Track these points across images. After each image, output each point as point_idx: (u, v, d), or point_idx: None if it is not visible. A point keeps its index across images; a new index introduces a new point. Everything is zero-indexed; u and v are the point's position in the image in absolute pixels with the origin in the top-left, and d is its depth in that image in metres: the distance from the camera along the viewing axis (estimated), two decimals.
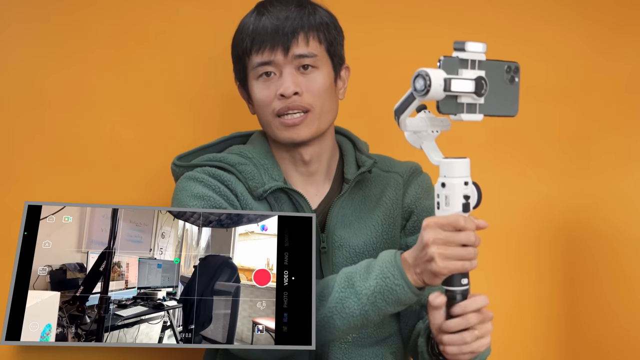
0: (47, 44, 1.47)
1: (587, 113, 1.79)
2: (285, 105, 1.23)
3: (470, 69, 1.00)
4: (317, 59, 1.24)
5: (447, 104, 1.00)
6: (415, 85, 0.98)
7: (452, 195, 1.02)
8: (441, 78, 0.97)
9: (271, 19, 1.23)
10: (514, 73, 1.05)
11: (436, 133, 1.08)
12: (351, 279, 1.11)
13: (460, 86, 0.98)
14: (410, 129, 1.06)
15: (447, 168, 1.03)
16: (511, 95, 1.06)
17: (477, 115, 1.02)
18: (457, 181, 1.02)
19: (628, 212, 1.78)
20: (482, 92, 1.00)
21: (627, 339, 1.77)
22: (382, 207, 1.30)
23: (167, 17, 1.54)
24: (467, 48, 1.00)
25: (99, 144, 1.48)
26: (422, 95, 0.98)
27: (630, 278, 1.77)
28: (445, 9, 1.72)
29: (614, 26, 1.79)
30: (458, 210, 1.02)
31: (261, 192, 1.24)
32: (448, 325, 1.03)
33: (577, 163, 1.78)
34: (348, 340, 1.24)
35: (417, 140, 1.08)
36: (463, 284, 1.03)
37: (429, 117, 1.08)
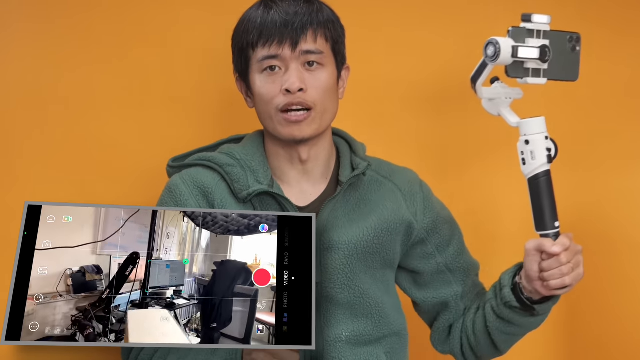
0: (47, 44, 1.47)
1: (590, 114, 1.78)
2: (289, 101, 1.22)
3: (536, 38, 1.15)
4: (323, 57, 1.24)
5: (515, 69, 1.15)
6: (486, 51, 1.13)
7: (537, 149, 1.17)
8: (509, 45, 1.12)
9: (280, 13, 1.22)
10: (576, 42, 1.20)
11: (509, 100, 1.23)
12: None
13: (526, 53, 1.14)
14: (486, 96, 1.22)
15: (527, 126, 1.18)
16: (573, 62, 1.20)
17: (542, 79, 1.18)
18: (538, 137, 1.17)
19: (631, 212, 1.78)
20: (546, 58, 1.16)
21: (628, 339, 1.77)
22: (378, 213, 1.29)
23: (167, 18, 1.54)
24: (533, 19, 1.15)
25: (99, 144, 1.48)
26: (493, 60, 1.13)
27: (632, 278, 1.77)
28: (443, 11, 1.72)
29: (617, 27, 1.79)
30: (543, 162, 1.17)
31: (245, 195, 1.23)
32: (546, 264, 1.16)
33: (580, 163, 1.78)
34: (342, 339, 1.25)
35: (493, 106, 1.23)
36: (556, 227, 1.18)
37: (502, 85, 1.23)
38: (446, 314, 1.37)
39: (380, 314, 1.28)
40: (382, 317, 1.29)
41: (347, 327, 1.25)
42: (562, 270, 1.16)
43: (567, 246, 1.16)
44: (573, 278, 1.17)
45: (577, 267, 1.17)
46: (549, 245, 1.16)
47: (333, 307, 1.25)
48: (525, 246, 1.20)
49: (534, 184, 1.18)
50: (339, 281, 1.25)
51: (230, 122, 1.55)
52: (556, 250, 1.15)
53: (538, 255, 1.18)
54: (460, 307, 1.37)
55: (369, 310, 1.27)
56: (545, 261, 1.17)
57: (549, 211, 1.18)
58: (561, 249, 1.15)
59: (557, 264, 1.16)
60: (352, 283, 1.26)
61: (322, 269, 1.25)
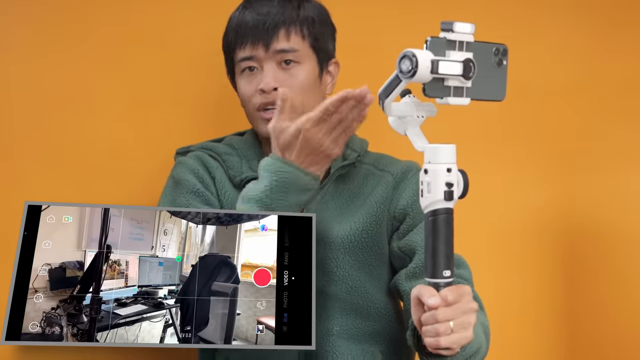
0: (47, 44, 1.47)
1: (588, 113, 1.79)
2: (265, 100, 1.26)
3: (458, 51, 0.96)
4: (299, 54, 1.26)
5: (434, 87, 0.95)
6: (401, 66, 0.93)
7: (435, 181, 0.97)
8: (428, 59, 0.92)
9: (253, 13, 1.25)
10: (502, 56, 1.00)
11: (421, 119, 1.03)
12: (242, 196, 1.17)
13: (448, 68, 0.94)
14: (396, 113, 1.02)
15: (431, 153, 0.98)
16: (499, 78, 1.01)
17: (464, 99, 0.98)
18: (439, 167, 0.97)
19: (628, 212, 1.78)
20: (470, 75, 0.96)
21: (625, 339, 1.77)
22: (368, 205, 1.29)
23: (166, 18, 1.54)
24: (455, 29, 0.95)
25: (99, 143, 1.48)
26: (409, 77, 0.93)
27: (629, 278, 1.77)
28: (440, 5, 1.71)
29: (614, 25, 1.79)
30: (440, 199, 0.97)
31: (238, 180, 1.29)
32: (423, 317, 0.99)
33: (577, 163, 1.78)
34: (333, 332, 1.24)
35: (401, 125, 1.04)
36: (445, 276, 0.98)
37: (414, 101, 1.03)
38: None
39: (373, 310, 1.28)
40: (376, 314, 1.28)
41: (337, 321, 1.25)
42: (436, 329, 0.97)
43: (449, 302, 0.97)
44: (452, 341, 0.97)
45: (460, 329, 0.98)
46: (427, 295, 0.98)
47: (324, 300, 1.25)
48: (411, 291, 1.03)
49: (429, 221, 0.98)
50: (326, 275, 1.25)
51: (230, 123, 1.55)
52: (431, 303, 0.97)
53: (421, 304, 1.00)
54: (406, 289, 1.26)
55: (360, 306, 1.27)
56: (424, 313, 0.99)
57: (442, 256, 0.98)
58: (437, 302, 0.96)
59: (433, 320, 0.97)
60: (339, 278, 1.26)
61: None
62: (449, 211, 0.98)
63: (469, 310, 1.00)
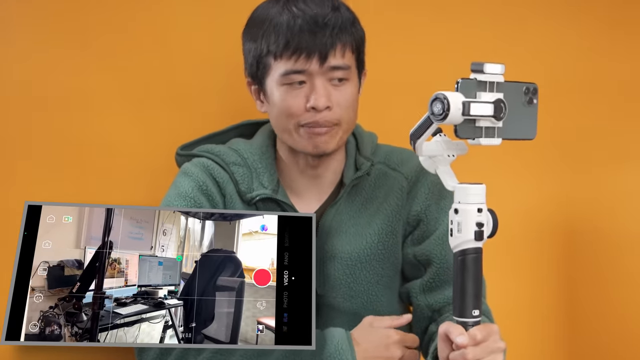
0: (47, 44, 1.47)
1: (587, 112, 1.79)
2: (315, 119, 1.15)
3: (489, 92, 0.97)
4: (350, 72, 1.17)
5: (465, 128, 0.97)
6: (432, 109, 0.95)
7: (465, 222, 0.99)
8: (459, 101, 0.94)
9: (307, 20, 1.11)
10: (532, 94, 1.02)
11: (452, 157, 1.05)
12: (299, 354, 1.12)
13: (479, 110, 0.95)
14: (427, 153, 1.03)
15: (462, 193, 1.00)
16: (530, 117, 1.02)
17: (496, 139, 0.99)
18: (470, 207, 0.99)
19: (628, 210, 1.78)
20: (501, 115, 0.97)
21: (627, 337, 1.77)
22: (382, 213, 1.25)
23: (167, 17, 1.54)
24: (485, 70, 0.96)
25: (99, 143, 1.48)
26: (440, 119, 0.94)
27: (630, 276, 1.77)
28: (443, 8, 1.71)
29: (614, 25, 1.79)
30: (470, 238, 0.99)
31: (249, 198, 1.21)
32: (452, 356, 1.00)
33: (577, 161, 1.78)
34: None
35: (432, 164, 1.05)
36: (474, 315, 1.00)
37: (444, 140, 1.04)
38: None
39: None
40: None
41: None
42: None
43: (477, 341, 0.98)
44: None
45: None
46: (456, 333, 0.99)
47: (335, 314, 1.23)
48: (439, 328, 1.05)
49: (458, 260, 1.00)
50: (341, 291, 1.23)
51: (232, 122, 1.55)
52: (460, 341, 0.98)
53: (449, 341, 1.01)
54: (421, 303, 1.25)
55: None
56: (453, 351, 1.01)
57: (470, 296, 1.00)
58: (466, 341, 0.98)
59: (461, 358, 0.98)
60: (356, 293, 1.23)
61: (324, 279, 1.22)
62: (478, 251, 1.00)
63: (497, 349, 1.00)
